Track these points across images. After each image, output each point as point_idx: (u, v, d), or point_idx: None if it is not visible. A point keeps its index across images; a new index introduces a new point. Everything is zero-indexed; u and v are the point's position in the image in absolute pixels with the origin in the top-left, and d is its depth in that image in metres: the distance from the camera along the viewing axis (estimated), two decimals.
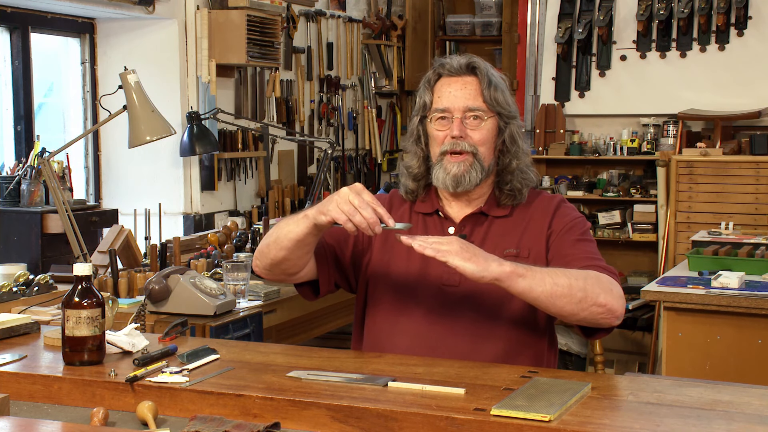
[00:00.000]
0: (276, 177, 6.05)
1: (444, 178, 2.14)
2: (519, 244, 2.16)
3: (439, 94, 2.18)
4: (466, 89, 2.16)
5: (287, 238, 2.05)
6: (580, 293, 1.97)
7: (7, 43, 4.78)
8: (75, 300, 1.94)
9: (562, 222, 2.18)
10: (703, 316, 3.51)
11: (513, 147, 2.19)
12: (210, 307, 2.87)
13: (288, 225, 2.06)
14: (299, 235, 2.03)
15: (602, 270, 2.07)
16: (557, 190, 5.92)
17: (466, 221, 2.20)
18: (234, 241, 3.99)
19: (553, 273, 1.99)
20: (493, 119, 2.17)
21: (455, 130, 2.14)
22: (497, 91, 2.17)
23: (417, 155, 2.23)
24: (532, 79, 6.30)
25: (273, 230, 2.11)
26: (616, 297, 2.02)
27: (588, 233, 2.21)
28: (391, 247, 2.20)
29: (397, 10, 7.49)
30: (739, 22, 5.72)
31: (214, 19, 5.22)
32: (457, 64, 2.18)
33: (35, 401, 1.88)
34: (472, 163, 2.14)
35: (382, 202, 2.26)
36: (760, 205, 5.19)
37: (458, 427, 1.63)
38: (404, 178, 2.27)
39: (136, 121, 3.47)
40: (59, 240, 4.20)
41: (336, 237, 2.21)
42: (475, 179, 2.14)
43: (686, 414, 1.66)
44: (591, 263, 2.09)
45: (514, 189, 2.19)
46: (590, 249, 2.15)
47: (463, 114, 2.14)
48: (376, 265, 2.21)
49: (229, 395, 1.76)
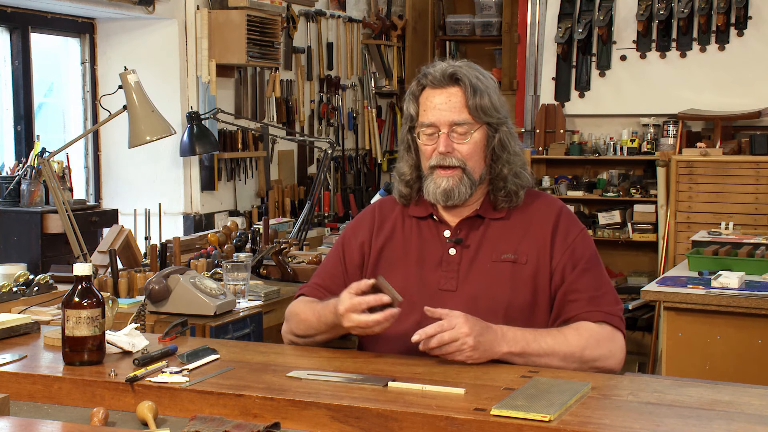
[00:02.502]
0: (276, 177, 6.05)
1: (434, 192, 2.13)
2: (517, 250, 2.13)
3: (425, 107, 2.14)
4: (451, 102, 2.11)
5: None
6: (575, 364, 2.02)
7: (7, 43, 4.78)
8: (75, 300, 1.94)
9: (565, 241, 2.14)
10: (703, 316, 3.50)
11: (504, 154, 2.15)
12: (210, 307, 2.87)
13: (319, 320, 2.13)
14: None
15: (606, 316, 2.08)
16: (557, 190, 5.92)
17: (462, 225, 2.17)
18: (234, 241, 3.99)
19: (548, 348, 2.01)
20: (481, 129, 2.12)
21: (442, 146, 2.10)
22: (483, 98, 2.11)
23: (409, 163, 2.21)
24: (532, 79, 6.30)
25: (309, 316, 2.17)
26: (612, 356, 2.06)
27: (593, 252, 2.17)
28: (386, 257, 2.20)
29: (397, 10, 7.49)
30: (739, 22, 5.72)
31: (214, 19, 5.22)
32: (440, 74, 2.12)
33: (35, 401, 1.88)
34: (461, 178, 2.11)
35: (366, 220, 2.28)
36: (760, 205, 5.19)
37: (458, 427, 1.63)
38: (397, 183, 2.25)
39: (136, 121, 3.47)
40: (59, 240, 4.20)
41: (334, 288, 2.22)
42: (465, 194, 2.12)
43: (686, 414, 1.66)
44: (597, 308, 2.08)
45: (510, 193, 2.16)
46: (598, 279, 2.13)
47: (449, 128, 2.11)
48: (374, 273, 2.19)
49: (229, 395, 1.76)
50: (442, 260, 2.15)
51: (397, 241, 2.21)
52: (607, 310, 2.09)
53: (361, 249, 2.24)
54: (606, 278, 2.16)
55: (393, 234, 2.22)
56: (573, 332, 2.04)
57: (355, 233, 2.28)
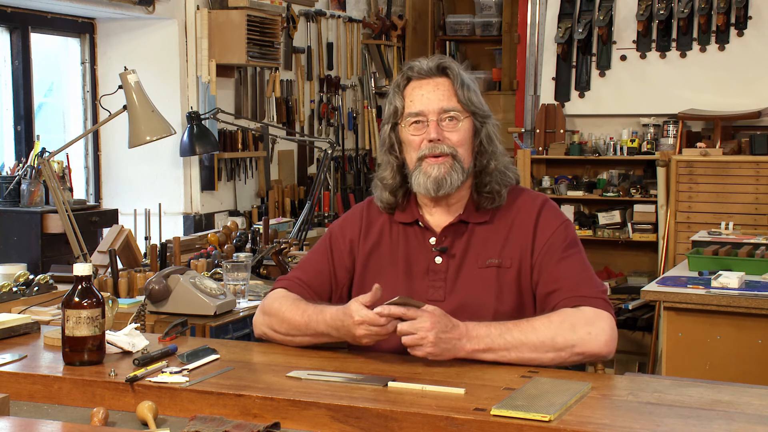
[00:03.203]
0: (276, 177, 6.05)
1: (425, 182, 2.09)
2: (501, 254, 2.11)
3: (411, 98, 2.11)
4: (439, 90, 2.10)
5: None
6: (550, 354, 1.95)
7: (7, 43, 4.78)
8: (75, 300, 1.94)
9: (544, 236, 2.11)
10: (703, 316, 3.51)
11: (490, 147, 2.13)
12: (210, 307, 2.87)
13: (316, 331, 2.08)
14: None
15: (583, 300, 2.02)
16: (557, 190, 5.91)
17: (447, 232, 2.15)
18: (234, 241, 3.98)
19: (514, 341, 1.95)
20: (469, 119, 2.11)
21: (432, 132, 2.08)
22: (470, 91, 2.11)
23: (391, 164, 2.17)
24: (532, 79, 6.30)
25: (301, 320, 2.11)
26: (594, 339, 1.97)
27: (571, 241, 2.12)
28: (374, 263, 2.18)
29: (397, 10, 7.49)
30: (739, 22, 5.72)
31: (214, 19, 5.22)
32: (427, 66, 2.12)
33: (35, 401, 1.88)
34: (453, 165, 2.08)
35: (355, 219, 2.23)
36: (760, 205, 5.19)
37: (458, 427, 1.63)
38: (379, 190, 2.20)
39: (136, 121, 3.47)
40: (59, 240, 4.20)
41: (317, 286, 2.20)
42: (456, 181, 2.09)
43: (686, 414, 1.66)
44: (575, 293, 2.03)
45: (493, 191, 2.13)
46: (575, 266, 2.08)
47: (439, 116, 2.09)
48: (360, 285, 2.18)
49: (229, 395, 1.76)
50: (428, 269, 2.13)
51: (385, 247, 2.19)
52: (585, 293, 2.03)
53: (350, 249, 2.21)
54: (584, 264, 2.10)
55: (380, 239, 2.20)
56: (543, 321, 1.99)
57: (343, 231, 2.24)
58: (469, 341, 1.95)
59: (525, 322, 1.99)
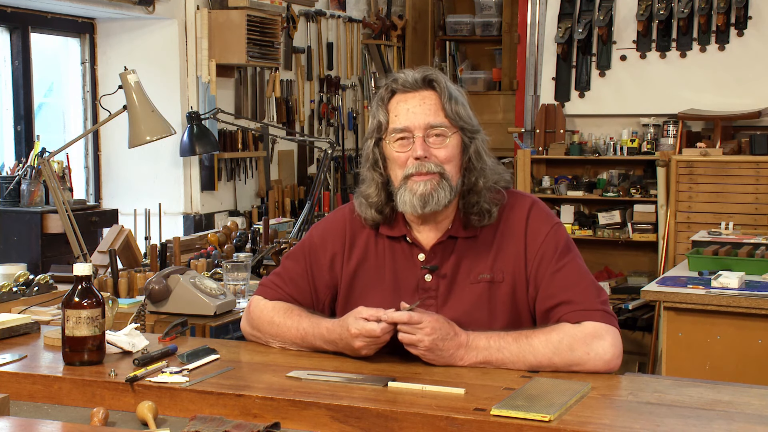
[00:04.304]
0: (276, 177, 6.05)
1: (411, 200, 1.99)
2: (493, 268, 2.04)
3: (396, 112, 2.02)
4: (425, 104, 2.00)
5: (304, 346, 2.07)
6: (549, 371, 1.92)
7: (7, 43, 4.78)
8: (75, 300, 1.94)
9: (535, 244, 2.03)
10: (703, 316, 3.50)
11: (479, 164, 2.04)
12: (210, 307, 2.87)
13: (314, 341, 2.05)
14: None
15: (584, 314, 1.95)
16: (557, 190, 5.91)
17: (436, 249, 2.06)
18: (234, 241, 3.98)
19: (512, 357, 1.91)
20: (457, 135, 2.02)
21: (418, 150, 1.98)
22: (458, 105, 2.02)
23: (375, 181, 2.07)
24: (532, 79, 6.30)
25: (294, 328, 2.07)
26: (593, 359, 1.91)
27: (564, 247, 2.04)
28: (360, 281, 2.12)
29: (397, 10, 7.49)
30: (739, 22, 5.72)
31: (214, 19, 5.22)
32: (413, 78, 2.02)
33: (35, 401, 1.88)
34: (440, 182, 1.99)
35: (337, 231, 2.13)
36: (760, 205, 5.19)
37: (458, 427, 1.63)
38: (363, 207, 2.09)
39: (136, 121, 3.47)
40: (59, 240, 4.20)
41: (298, 296, 2.15)
42: (444, 199, 1.99)
43: (686, 414, 1.66)
44: (575, 308, 1.96)
45: (482, 211, 2.03)
46: (572, 276, 2.00)
47: (425, 132, 1.99)
48: (346, 302, 2.12)
49: (229, 395, 1.76)
50: (418, 287, 2.06)
51: (371, 262, 2.11)
52: (585, 305, 1.96)
53: (331, 264, 2.13)
54: (581, 270, 2.02)
55: (366, 255, 2.11)
56: (541, 339, 1.93)
57: (324, 243, 2.15)
58: (468, 352, 1.93)
59: (524, 337, 1.93)
